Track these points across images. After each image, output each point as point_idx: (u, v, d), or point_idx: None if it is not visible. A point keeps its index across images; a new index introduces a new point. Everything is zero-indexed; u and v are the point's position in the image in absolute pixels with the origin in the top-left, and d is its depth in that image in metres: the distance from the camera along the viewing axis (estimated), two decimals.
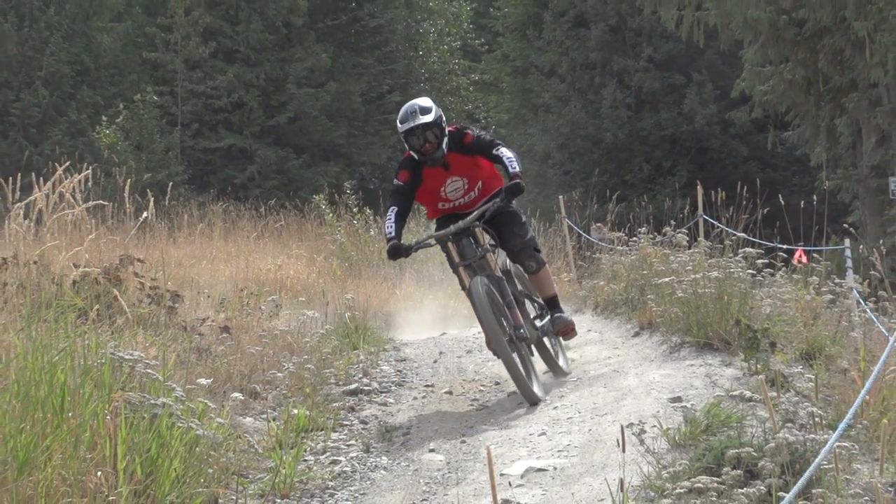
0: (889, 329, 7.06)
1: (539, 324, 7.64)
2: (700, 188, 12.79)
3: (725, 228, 9.61)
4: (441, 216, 7.55)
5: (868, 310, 8.00)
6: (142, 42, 30.66)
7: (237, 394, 6.14)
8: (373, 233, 17.00)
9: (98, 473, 4.06)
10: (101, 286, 7.10)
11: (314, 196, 19.54)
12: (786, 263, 9.25)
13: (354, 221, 17.71)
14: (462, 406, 7.31)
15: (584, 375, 7.72)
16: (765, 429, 5.03)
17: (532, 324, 7.52)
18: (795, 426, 4.81)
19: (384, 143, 31.71)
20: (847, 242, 10.67)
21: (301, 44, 31.41)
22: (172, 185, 13.44)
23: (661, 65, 28.81)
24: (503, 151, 7.17)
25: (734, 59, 25.03)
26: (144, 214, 7.81)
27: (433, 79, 34.75)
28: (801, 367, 6.98)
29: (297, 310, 9.77)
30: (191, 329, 7.48)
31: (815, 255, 8.83)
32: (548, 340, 7.76)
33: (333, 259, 15.90)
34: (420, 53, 34.62)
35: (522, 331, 7.18)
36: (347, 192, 18.44)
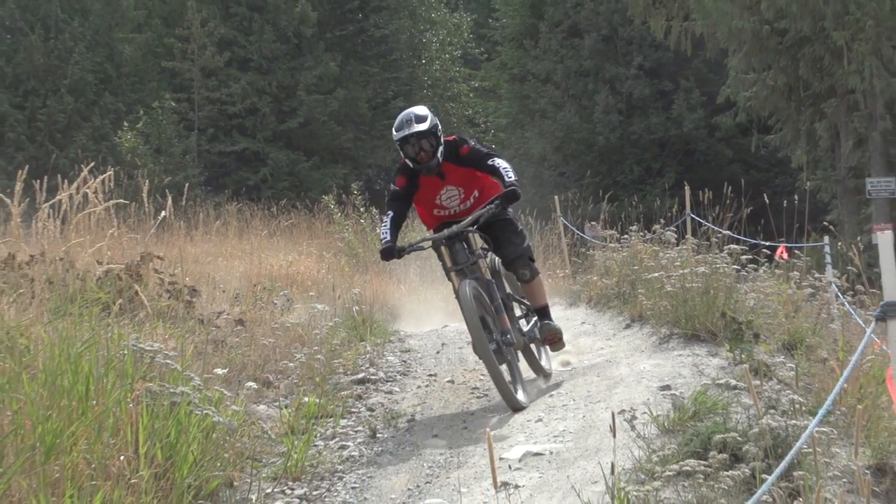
0: (866, 321, 7.06)
1: (525, 329, 7.31)
2: (688, 188, 12.81)
3: (712, 226, 9.60)
4: (438, 224, 7.15)
5: (846, 303, 8.00)
6: (160, 52, 30.73)
7: (251, 383, 6.14)
8: (378, 231, 16.95)
9: (121, 458, 4.07)
10: (124, 282, 7.11)
11: (323, 196, 19.51)
12: (769, 259, 9.24)
13: (361, 220, 17.72)
14: (463, 394, 7.30)
15: (579, 365, 7.72)
16: (749, 415, 5.03)
17: (519, 329, 7.18)
18: (778, 412, 4.81)
19: (389, 147, 31.62)
20: (826, 239, 10.66)
21: (311, 53, 31.42)
22: (189, 187, 13.45)
23: (651, 72, 28.84)
24: (498, 162, 6.77)
25: (720, 67, 25.08)
26: (163, 214, 7.82)
27: (435, 85, 34.77)
28: (783, 357, 6.97)
29: (308, 304, 9.75)
30: (207, 322, 7.47)
31: (797, 252, 8.82)
32: (533, 345, 7.43)
33: (342, 256, 15.87)
34: (423, 62, 34.62)
35: (510, 336, 6.83)
36: (354, 193, 18.44)
